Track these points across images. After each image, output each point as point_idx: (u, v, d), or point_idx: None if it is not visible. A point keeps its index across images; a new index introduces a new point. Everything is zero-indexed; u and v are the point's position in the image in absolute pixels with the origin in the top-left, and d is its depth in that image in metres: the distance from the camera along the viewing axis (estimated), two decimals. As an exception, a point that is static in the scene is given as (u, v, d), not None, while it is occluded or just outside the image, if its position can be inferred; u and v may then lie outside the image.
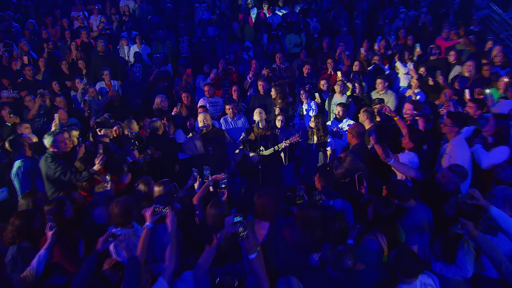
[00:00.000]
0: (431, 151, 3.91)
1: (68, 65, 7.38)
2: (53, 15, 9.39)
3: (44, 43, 7.60)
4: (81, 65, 7.35)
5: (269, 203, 3.04)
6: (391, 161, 3.44)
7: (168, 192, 3.59)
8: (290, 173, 5.53)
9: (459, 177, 3.21)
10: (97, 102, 6.18)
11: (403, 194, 3.07)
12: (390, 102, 5.71)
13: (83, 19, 9.26)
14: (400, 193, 3.07)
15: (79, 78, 6.75)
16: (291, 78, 6.77)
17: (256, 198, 3.10)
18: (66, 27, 8.81)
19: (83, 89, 6.51)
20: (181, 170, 5.43)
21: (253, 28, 9.07)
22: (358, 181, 3.45)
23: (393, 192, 3.11)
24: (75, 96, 6.65)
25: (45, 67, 7.16)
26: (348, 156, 3.77)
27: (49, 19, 8.85)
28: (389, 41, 7.50)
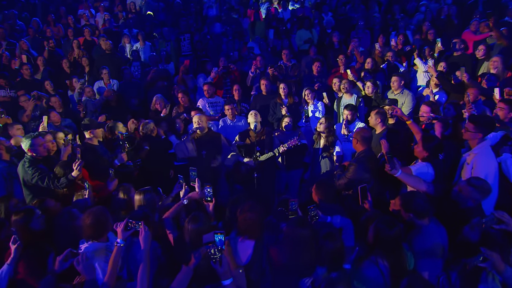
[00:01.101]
0: (450, 160, 3.47)
1: (69, 63, 7.36)
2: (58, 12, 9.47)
3: (44, 41, 7.59)
4: (84, 63, 7.29)
5: (253, 219, 2.75)
6: (398, 173, 3.04)
7: (148, 202, 3.35)
8: (297, 181, 5.18)
9: (479, 192, 2.78)
10: (92, 102, 6.08)
11: (421, 208, 2.66)
12: (406, 103, 5.26)
13: (89, 16, 9.27)
14: (418, 206, 2.66)
15: (76, 77, 6.68)
16: (298, 77, 6.42)
17: (239, 213, 2.81)
18: (71, 25, 8.84)
19: (81, 88, 6.43)
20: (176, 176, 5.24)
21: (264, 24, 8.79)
22: (361, 194, 3.08)
23: (410, 205, 2.71)
24: (72, 96, 6.59)
25: (44, 66, 7.14)
26: (352, 165, 3.40)
27: (51, 17, 8.89)
28: (407, 36, 6.99)
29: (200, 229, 2.72)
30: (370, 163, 3.38)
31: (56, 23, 9.05)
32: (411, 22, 8.12)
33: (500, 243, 2.41)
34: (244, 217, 2.77)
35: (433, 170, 3.20)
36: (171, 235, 2.90)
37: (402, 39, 6.85)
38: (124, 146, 4.25)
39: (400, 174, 3.08)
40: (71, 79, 6.69)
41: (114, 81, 6.86)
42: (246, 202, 2.91)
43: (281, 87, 5.65)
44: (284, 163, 4.56)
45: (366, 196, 3.11)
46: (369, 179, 3.39)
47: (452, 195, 2.92)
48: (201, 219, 2.76)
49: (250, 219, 2.75)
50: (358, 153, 3.52)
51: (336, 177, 3.52)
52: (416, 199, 2.70)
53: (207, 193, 3.26)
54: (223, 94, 6.62)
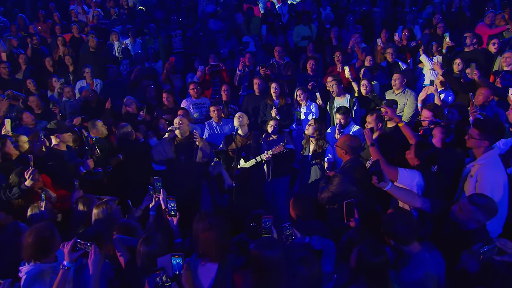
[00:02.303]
0: (452, 172, 3.11)
1: (52, 62, 7.20)
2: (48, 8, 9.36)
3: (28, 38, 7.45)
4: (68, 62, 7.12)
5: (214, 239, 2.46)
6: (388, 186, 2.70)
7: (108, 217, 3.09)
8: (284, 190, 4.86)
9: (482, 212, 2.42)
10: (71, 103, 5.88)
11: (402, 234, 2.36)
12: (409, 104, 4.89)
13: (78, 13, 9.13)
14: (398, 233, 2.36)
15: (56, 76, 6.51)
16: (292, 76, 6.10)
17: (200, 231, 2.52)
18: (58, 21, 8.70)
19: (60, 88, 6.24)
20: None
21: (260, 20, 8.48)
22: (346, 211, 2.75)
23: (389, 230, 2.41)
24: (52, 96, 6.41)
25: (26, 64, 6.99)
26: (336, 176, 3.07)
27: (41, 13, 8.77)
28: (412, 31, 6.59)
29: (153, 252, 2.45)
30: (357, 174, 3.04)
31: (46, 20, 8.94)
32: (421, 16, 7.71)
33: (503, 275, 2.06)
34: (204, 237, 2.48)
35: (423, 181, 2.84)
36: (122, 258, 2.62)
37: (407, 34, 6.46)
38: (94, 151, 4.00)
39: (390, 188, 2.73)
40: (51, 78, 6.49)
41: (98, 80, 6.65)
42: (208, 218, 2.62)
43: (273, 87, 5.35)
44: (269, 171, 4.24)
45: (352, 212, 2.78)
46: (356, 193, 3.06)
47: (451, 215, 2.57)
48: (155, 240, 2.48)
49: (211, 239, 2.46)
50: (343, 162, 3.19)
51: (319, 189, 3.19)
52: (396, 224, 2.37)
53: (170, 207, 2.99)
54: (211, 94, 6.34)
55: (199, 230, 2.57)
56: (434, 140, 3.36)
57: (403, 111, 4.92)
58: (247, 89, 5.98)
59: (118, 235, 2.71)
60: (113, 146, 4.74)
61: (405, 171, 2.89)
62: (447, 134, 3.33)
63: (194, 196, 4.72)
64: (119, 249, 2.65)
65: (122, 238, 2.69)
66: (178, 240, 2.97)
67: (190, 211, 4.56)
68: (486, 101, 4.04)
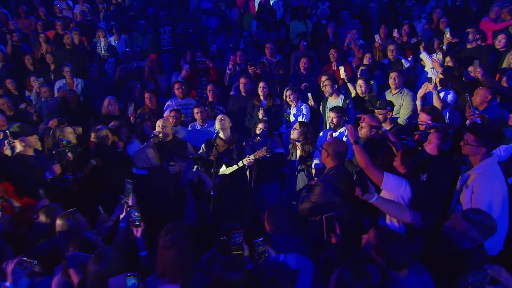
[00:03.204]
0: (449, 182, 2.88)
1: (33, 60, 7.04)
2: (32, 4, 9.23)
3: (7, 35, 7.30)
4: (49, 60, 6.96)
5: (174, 257, 2.26)
6: (373, 198, 2.49)
7: (72, 229, 2.91)
8: (274, 196, 4.67)
9: (478, 230, 2.21)
10: (47, 104, 5.72)
11: (395, 258, 2.14)
12: (405, 105, 4.67)
13: (62, 8, 8.98)
14: (391, 255, 2.15)
15: (35, 75, 6.35)
16: (284, 75, 5.89)
17: (160, 248, 2.33)
18: (43, 17, 8.55)
19: (39, 88, 6.08)
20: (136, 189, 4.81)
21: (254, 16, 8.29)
22: (326, 225, 2.54)
23: (382, 249, 2.19)
24: (30, 96, 6.25)
25: (4, 62, 6.84)
26: (318, 185, 2.86)
27: (21, 8, 8.63)
28: (413, 26, 6.35)
29: (104, 271, 2.25)
30: (341, 182, 2.83)
31: (28, 15, 8.80)
32: (424, 10, 7.47)
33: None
34: (164, 254, 2.28)
35: (410, 190, 2.63)
36: (76, 277, 2.42)
37: (408, 30, 6.22)
38: (64, 155, 3.82)
39: (376, 200, 2.52)
40: (29, 77, 6.33)
41: (79, 80, 6.49)
42: (171, 233, 2.42)
43: (260, 86, 5.16)
44: (252, 177, 4.04)
45: (333, 227, 2.56)
46: (341, 204, 2.85)
47: (443, 232, 2.35)
48: (107, 258, 2.28)
49: (170, 257, 2.26)
50: (327, 169, 2.98)
51: (300, 199, 2.98)
52: (392, 245, 2.16)
53: (134, 217, 2.81)
54: (197, 94, 6.15)
55: (160, 246, 2.38)
56: (429, 147, 3.14)
57: (399, 112, 4.70)
58: (238, 89, 5.77)
59: (73, 252, 2.52)
60: (87, 150, 4.55)
61: (392, 177, 2.68)
62: (444, 140, 3.11)
63: (178, 204, 4.54)
64: (73, 267, 2.45)
65: (76, 255, 2.49)
66: (143, 253, 2.80)
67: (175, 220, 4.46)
68: (484, 101, 3.81)
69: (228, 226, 2.76)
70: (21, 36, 7.74)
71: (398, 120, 4.72)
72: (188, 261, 2.34)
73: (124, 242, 3.11)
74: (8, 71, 6.78)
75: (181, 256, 2.28)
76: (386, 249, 2.17)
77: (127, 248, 3.02)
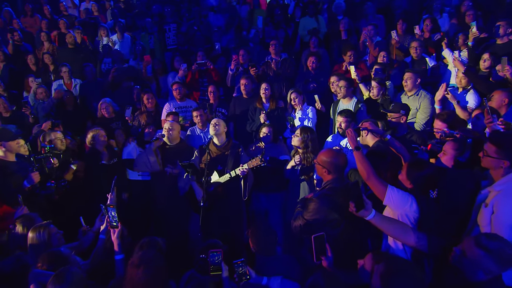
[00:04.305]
0: (463, 199, 2.61)
1: (35, 60, 7.14)
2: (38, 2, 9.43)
3: (8, 33, 7.45)
4: (47, 60, 7.01)
5: (141, 279, 2.12)
6: (370, 215, 2.26)
7: (43, 242, 2.83)
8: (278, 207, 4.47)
9: (494, 260, 1.93)
10: (43, 105, 5.76)
11: None
12: (422, 109, 4.39)
13: (67, 6, 9.12)
14: None
15: (33, 76, 6.42)
16: (291, 75, 5.69)
17: (129, 265, 2.20)
18: (48, 16, 8.70)
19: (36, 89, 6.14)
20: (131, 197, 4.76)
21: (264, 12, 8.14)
22: (315, 247, 2.33)
23: (387, 280, 1.94)
24: (28, 97, 6.31)
25: (5, 62, 6.97)
26: (312, 201, 2.64)
27: (28, 6, 8.82)
28: (436, 21, 6.00)
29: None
30: (339, 198, 2.60)
31: (33, 14, 8.98)
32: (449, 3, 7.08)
33: None
34: (131, 273, 2.15)
35: (417, 207, 2.37)
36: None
37: (430, 25, 5.88)
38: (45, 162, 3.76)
39: (374, 218, 2.29)
40: (27, 78, 6.41)
41: (77, 80, 6.53)
42: (143, 251, 2.29)
43: (262, 87, 4.99)
44: (246, 188, 3.86)
45: (323, 249, 2.35)
46: (337, 222, 2.62)
47: (452, 259, 2.09)
48: (68, 278, 2.16)
49: (138, 276, 2.12)
50: (324, 183, 2.76)
51: (294, 216, 2.78)
52: (400, 277, 1.92)
53: (111, 217, 2.76)
54: (199, 96, 6.04)
55: (129, 263, 2.25)
56: (444, 158, 2.87)
57: (415, 116, 4.40)
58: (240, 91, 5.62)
59: (35, 270, 2.42)
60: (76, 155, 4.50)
61: (396, 191, 2.44)
62: (461, 151, 2.82)
63: (180, 214, 4.45)
64: (34, 286, 2.35)
65: (38, 273, 2.39)
66: (119, 256, 2.74)
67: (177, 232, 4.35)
68: (502, 105, 3.49)
69: (208, 243, 2.60)
70: (24, 35, 7.89)
71: (415, 125, 4.44)
72: (157, 283, 2.19)
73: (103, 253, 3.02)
74: (8, 72, 6.89)
75: (150, 276, 2.14)
76: (390, 280, 1.93)
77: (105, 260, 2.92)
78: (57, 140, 4.27)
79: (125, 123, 5.47)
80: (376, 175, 2.55)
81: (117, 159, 4.74)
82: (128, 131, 5.32)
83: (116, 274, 2.70)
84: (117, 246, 2.74)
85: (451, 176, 2.70)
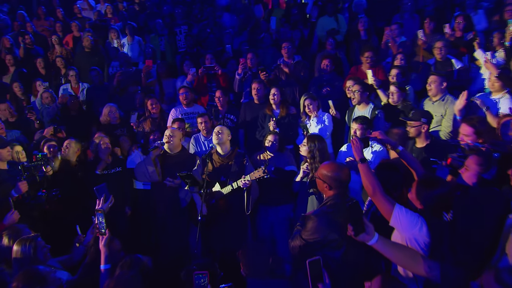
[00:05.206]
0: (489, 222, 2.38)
1: (44, 63, 7.37)
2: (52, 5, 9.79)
3: (20, 37, 7.74)
4: (59, 64, 7.23)
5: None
6: (372, 240, 2.10)
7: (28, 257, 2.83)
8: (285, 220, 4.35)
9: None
10: (48, 110, 5.91)
11: None
12: (449, 115, 4.15)
13: (82, 9, 9.40)
14: None
15: (41, 80, 6.62)
16: (304, 79, 5.57)
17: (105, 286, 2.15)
18: (60, 18, 9.01)
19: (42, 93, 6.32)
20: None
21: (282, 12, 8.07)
22: (311, 272, 2.18)
23: None
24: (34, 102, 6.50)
25: (14, 66, 7.24)
26: (310, 219, 2.51)
27: (41, 9, 9.16)
28: (469, 18, 5.71)
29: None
30: (341, 216, 2.45)
31: (47, 17, 9.33)
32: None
33: None
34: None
35: (427, 231, 2.18)
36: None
37: (462, 23, 5.59)
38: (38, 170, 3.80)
39: (376, 243, 2.13)
40: (35, 82, 6.62)
41: (85, 85, 6.67)
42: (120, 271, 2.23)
43: (272, 93, 4.90)
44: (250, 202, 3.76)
45: (320, 275, 2.20)
46: (339, 243, 2.46)
47: (470, 293, 1.90)
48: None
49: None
50: (325, 199, 2.62)
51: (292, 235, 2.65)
52: None
53: (99, 223, 2.75)
54: (208, 102, 6.01)
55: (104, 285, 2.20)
56: (467, 175, 2.65)
57: (440, 124, 4.17)
58: (250, 96, 5.56)
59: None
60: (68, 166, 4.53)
61: (405, 211, 2.27)
62: (486, 166, 2.59)
63: (182, 226, 4.41)
64: None
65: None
66: (105, 266, 2.71)
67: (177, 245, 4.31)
68: None
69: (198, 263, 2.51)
70: (37, 39, 8.17)
71: (439, 134, 4.20)
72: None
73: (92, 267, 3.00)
74: (18, 75, 7.14)
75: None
76: None
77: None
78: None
79: (131, 129, 5.53)
80: (383, 192, 2.39)
81: (122, 168, 4.78)
82: (133, 138, 5.37)
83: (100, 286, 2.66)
84: (103, 255, 2.72)
85: (473, 196, 2.48)
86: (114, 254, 2.89)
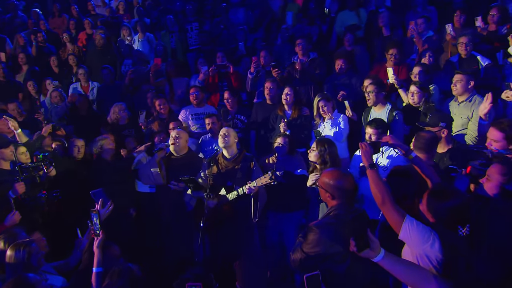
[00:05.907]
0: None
1: (58, 62, 7.55)
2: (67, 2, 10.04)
3: (32, 35, 7.97)
4: (72, 62, 7.39)
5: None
6: (378, 257, 2.02)
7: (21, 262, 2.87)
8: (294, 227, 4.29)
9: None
10: (57, 109, 6.06)
11: None
12: (476, 118, 3.94)
13: (95, 6, 9.59)
14: None
15: (51, 78, 6.79)
16: (320, 77, 5.47)
17: None
18: (75, 16, 9.22)
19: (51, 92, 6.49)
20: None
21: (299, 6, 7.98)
22: (307, 287, 2.13)
23: None
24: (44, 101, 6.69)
25: (27, 64, 7.47)
26: (312, 230, 2.43)
27: (56, 6, 9.42)
28: (505, 10, 5.44)
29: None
30: (344, 227, 2.36)
31: (61, 14, 9.57)
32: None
33: None
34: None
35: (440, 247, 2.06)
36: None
37: (497, 15, 5.33)
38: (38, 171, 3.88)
39: (382, 260, 2.04)
40: (45, 80, 6.80)
41: (95, 83, 6.80)
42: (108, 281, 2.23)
43: (285, 92, 4.85)
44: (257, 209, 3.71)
45: (319, 292, 2.13)
46: (343, 256, 2.38)
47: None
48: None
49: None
50: (328, 209, 2.53)
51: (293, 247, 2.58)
52: None
53: (94, 224, 2.78)
54: (219, 102, 6.01)
55: None
56: (488, 185, 2.50)
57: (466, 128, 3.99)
58: (262, 96, 5.52)
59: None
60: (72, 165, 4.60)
61: (416, 224, 2.15)
62: (510, 177, 2.45)
63: (187, 231, 4.41)
64: None
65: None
66: (98, 269, 2.74)
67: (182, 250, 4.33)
68: None
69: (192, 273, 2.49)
70: (49, 36, 8.41)
71: (465, 138, 4.02)
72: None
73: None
74: (31, 74, 7.36)
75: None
76: None
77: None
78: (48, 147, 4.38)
79: (139, 129, 5.59)
80: (393, 202, 2.28)
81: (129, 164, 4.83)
82: (141, 139, 5.42)
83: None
84: (96, 257, 2.75)
85: (494, 208, 2.35)
86: (111, 260, 2.92)
